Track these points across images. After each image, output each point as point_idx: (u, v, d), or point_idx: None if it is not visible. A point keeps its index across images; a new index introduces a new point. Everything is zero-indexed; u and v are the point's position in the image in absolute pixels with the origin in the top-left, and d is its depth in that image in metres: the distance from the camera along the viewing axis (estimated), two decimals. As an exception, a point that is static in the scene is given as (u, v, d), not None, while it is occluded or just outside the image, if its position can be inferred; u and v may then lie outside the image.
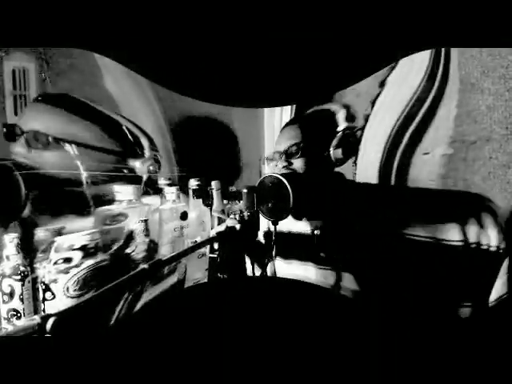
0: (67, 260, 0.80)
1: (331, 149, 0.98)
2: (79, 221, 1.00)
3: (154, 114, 1.50)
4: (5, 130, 0.95)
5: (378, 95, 1.24)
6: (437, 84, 1.05)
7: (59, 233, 0.92)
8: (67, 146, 0.99)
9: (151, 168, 1.17)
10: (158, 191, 1.26)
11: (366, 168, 1.34)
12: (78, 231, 0.90)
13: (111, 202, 1.08)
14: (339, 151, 0.97)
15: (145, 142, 1.18)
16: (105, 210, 1.05)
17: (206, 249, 1.17)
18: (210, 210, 1.54)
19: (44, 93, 1.02)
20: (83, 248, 0.83)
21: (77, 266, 0.80)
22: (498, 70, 0.92)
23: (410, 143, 1.16)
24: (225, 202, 1.67)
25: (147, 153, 1.17)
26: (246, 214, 0.96)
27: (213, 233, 0.97)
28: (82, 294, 0.79)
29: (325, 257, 1.01)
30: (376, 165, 1.26)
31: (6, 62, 0.96)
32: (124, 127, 1.12)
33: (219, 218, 1.66)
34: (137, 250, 1.02)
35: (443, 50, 1.02)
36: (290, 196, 0.91)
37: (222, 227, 0.97)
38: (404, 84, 1.17)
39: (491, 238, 0.81)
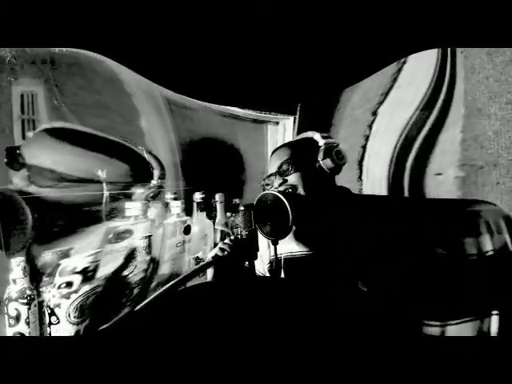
0: (68, 284, 0.81)
1: (319, 160, 1.04)
2: (86, 240, 1.00)
3: (166, 130, 1.51)
4: (6, 159, 0.93)
5: (376, 113, 1.25)
6: (438, 108, 1.05)
7: (66, 255, 0.92)
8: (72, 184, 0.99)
9: (151, 196, 1.18)
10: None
11: (372, 184, 1.33)
12: (85, 251, 0.90)
13: (119, 218, 1.08)
14: (328, 161, 1.02)
15: (156, 173, 1.19)
16: (112, 228, 1.05)
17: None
18: (213, 222, 1.54)
19: (49, 126, 1.02)
20: (83, 271, 0.83)
21: (75, 291, 0.80)
22: (505, 95, 0.91)
23: (417, 162, 1.15)
24: (228, 214, 1.67)
25: (154, 182, 1.17)
26: (243, 233, 0.94)
27: (209, 257, 0.96)
28: (81, 321, 0.80)
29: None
30: (383, 182, 1.26)
31: (14, 87, 0.98)
32: (142, 156, 1.14)
33: (222, 232, 1.66)
34: (135, 270, 1.02)
35: (447, 73, 1.02)
36: (289, 213, 0.90)
37: (216, 251, 0.96)
38: (404, 105, 1.17)
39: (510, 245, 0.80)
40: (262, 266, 1.15)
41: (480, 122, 0.95)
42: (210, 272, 1.04)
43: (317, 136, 1.10)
